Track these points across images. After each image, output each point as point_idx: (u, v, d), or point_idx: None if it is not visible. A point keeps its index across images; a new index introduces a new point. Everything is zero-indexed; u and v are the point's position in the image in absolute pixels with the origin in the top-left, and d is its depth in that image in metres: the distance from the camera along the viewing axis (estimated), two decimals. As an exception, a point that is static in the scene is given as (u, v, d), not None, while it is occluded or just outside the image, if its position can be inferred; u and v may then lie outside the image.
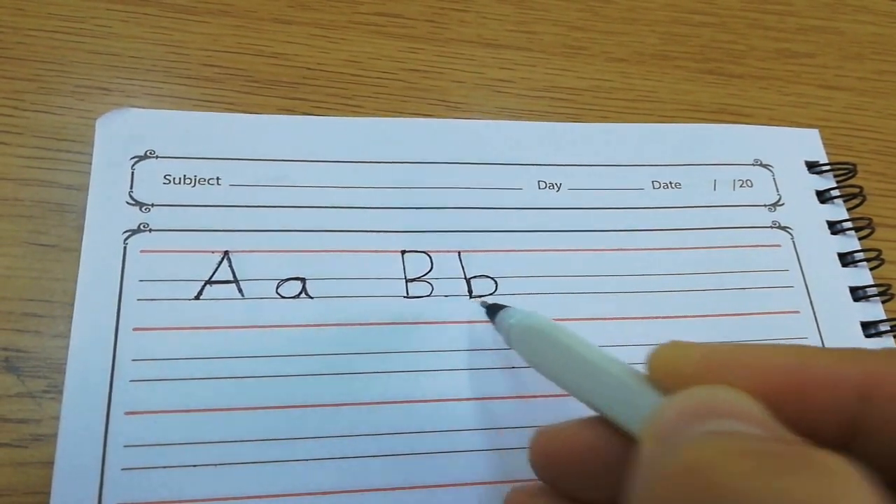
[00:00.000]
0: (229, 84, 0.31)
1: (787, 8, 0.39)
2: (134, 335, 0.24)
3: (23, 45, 0.30)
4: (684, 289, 0.28)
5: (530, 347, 0.21)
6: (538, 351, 0.21)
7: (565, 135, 0.31)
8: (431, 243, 0.27)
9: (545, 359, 0.20)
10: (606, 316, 0.27)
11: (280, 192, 0.27)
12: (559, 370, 0.20)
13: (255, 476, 0.23)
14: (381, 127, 0.30)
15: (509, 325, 0.22)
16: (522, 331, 0.22)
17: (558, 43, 0.35)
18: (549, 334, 0.20)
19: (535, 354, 0.21)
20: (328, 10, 0.34)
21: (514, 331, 0.22)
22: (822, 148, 0.33)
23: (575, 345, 0.19)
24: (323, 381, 0.24)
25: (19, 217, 0.26)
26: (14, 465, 0.23)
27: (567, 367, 0.19)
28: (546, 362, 0.20)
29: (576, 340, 0.19)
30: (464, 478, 0.24)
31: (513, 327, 0.22)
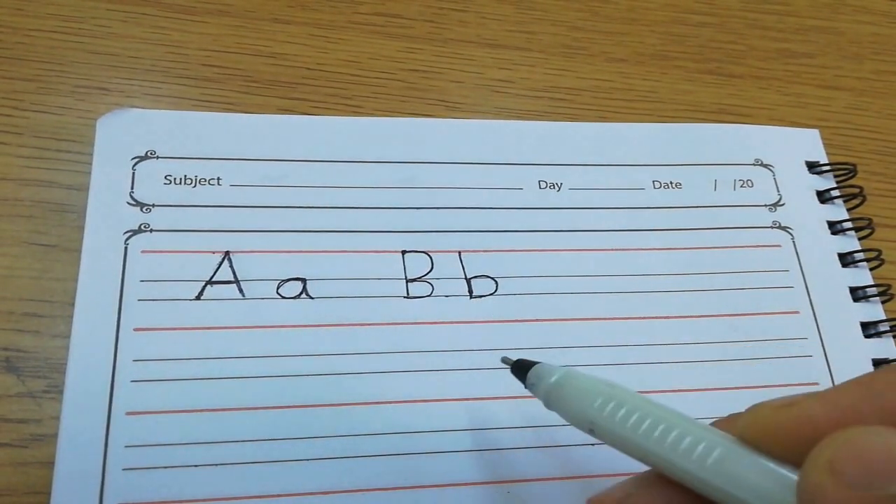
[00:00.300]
0: (229, 84, 0.31)
1: (786, 8, 0.39)
2: (135, 335, 0.24)
3: (22, 45, 0.30)
4: (684, 289, 0.28)
5: (578, 411, 0.19)
6: (588, 414, 0.18)
7: (566, 134, 0.31)
8: (432, 243, 0.27)
9: (603, 423, 0.18)
10: (606, 316, 0.27)
11: (281, 192, 0.27)
12: (620, 435, 0.17)
13: (255, 476, 0.23)
14: (381, 127, 0.30)
15: (549, 386, 0.20)
16: (566, 392, 0.19)
17: (558, 43, 0.35)
18: (600, 393, 0.18)
19: (586, 418, 0.18)
20: (327, 10, 0.34)
21: (554, 393, 0.20)
22: (823, 148, 0.33)
23: (640, 405, 0.17)
24: (323, 381, 0.24)
25: (19, 217, 0.26)
26: (14, 465, 0.23)
27: (632, 431, 0.17)
28: (603, 426, 0.18)
29: (635, 398, 0.18)
30: (464, 478, 0.24)
31: (552, 388, 0.20)
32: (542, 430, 0.25)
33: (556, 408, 0.19)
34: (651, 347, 0.27)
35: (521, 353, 0.26)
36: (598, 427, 0.18)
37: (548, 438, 0.25)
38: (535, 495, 0.24)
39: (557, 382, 0.19)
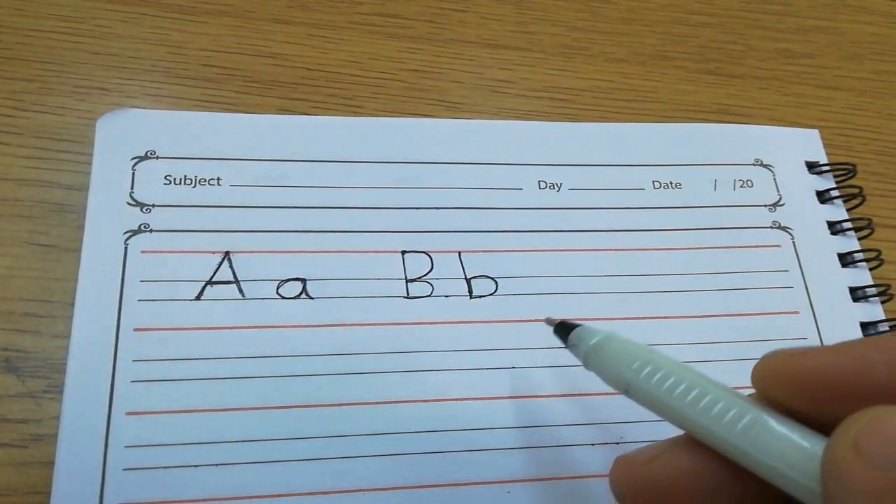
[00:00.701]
0: (228, 84, 0.31)
1: (786, 8, 0.39)
2: (135, 335, 0.24)
3: (22, 45, 0.30)
4: (684, 289, 0.28)
5: (616, 372, 0.19)
6: (625, 375, 0.19)
7: (566, 135, 0.31)
8: (432, 243, 0.27)
9: (639, 385, 0.18)
10: (606, 316, 0.27)
11: (281, 192, 0.27)
12: (654, 397, 0.18)
13: (255, 476, 0.23)
14: (381, 127, 0.30)
15: (588, 348, 0.20)
16: (605, 353, 0.20)
17: (557, 43, 0.35)
18: (638, 356, 0.19)
19: (622, 379, 0.19)
20: (327, 10, 0.34)
21: (593, 354, 0.20)
22: (822, 148, 0.33)
23: (676, 369, 0.18)
24: (323, 381, 0.24)
25: (19, 217, 0.26)
26: (14, 465, 0.23)
27: (666, 394, 0.17)
28: (638, 387, 0.18)
29: (672, 363, 0.18)
30: (464, 478, 0.24)
31: (592, 350, 0.20)
32: (543, 429, 0.25)
33: (595, 368, 0.20)
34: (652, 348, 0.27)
35: (522, 353, 0.26)
36: (633, 388, 0.18)
37: (548, 438, 0.25)
38: (535, 495, 0.24)
39: (597, 344, 0.20)
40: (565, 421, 0.25)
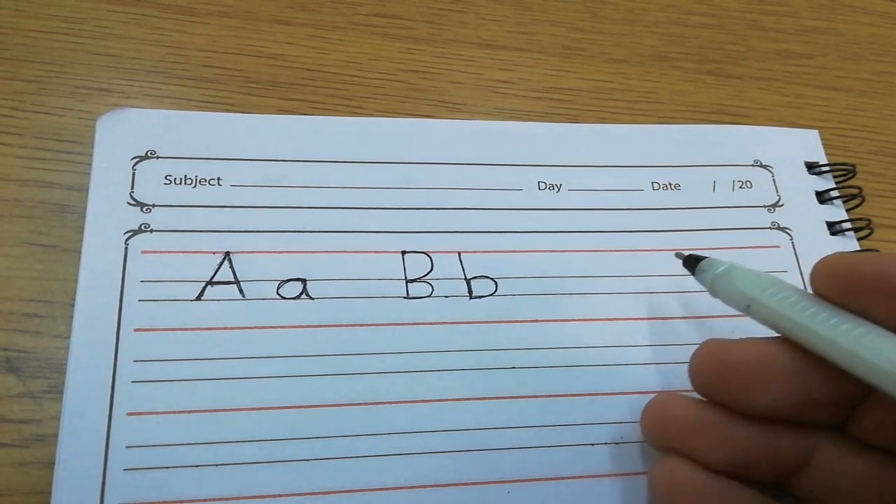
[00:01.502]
0: (228, 85, 0.31)
1: (785, 9, 0.39)
2: (135, 336, 0.24)
3: (23, 45, 0.30)
4: (684, 289, 0.28)
5: (741, 291, 0.22)
6: (749, 293, 0.22)
7: (565, 135, 0.31)
8: (431, 244, 0.27)
9: (763, 300, 0.21)
10: (606, 317, 0.27)
11: (281, 192, 0.27)
12: (775, 311, 0.21)
13: (256, 476, 0.23)
14: (381, 127, 0.30)
15: (715, 275, 0.24)
16: (731, 278, 0.23)
17: (557, 44, 0.35)
18: (759, 280, 0.22)
19: (746, 297, 0.22)
20: (327, 11, 0.34)
21: (720, 279, 0.24)
22: (822, 149, 0.33)
23: (796, 291, 0.21)
24: (324, 381, 0.24)
25: (19, 217, 0.26)
26: (15, 465, 0.23)
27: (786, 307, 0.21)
28: (763, 303, 0.21)
29: (788, 286, 0.21)
30: (464, 478, 0.24)
31: (718, 276, 0.24)
32: (542, 429, 0.25)
33: (721, 292, 0.23)
34: (651, 348, 0.27)
35: (522, 353, 0.26)
36: (756, 304, 0.22)
37: (548, 438, 0.25)
38: (535, 495, 0.24)
39: (723, 272, 0.23)
40: (565, 421, 0.25)
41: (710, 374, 0.22)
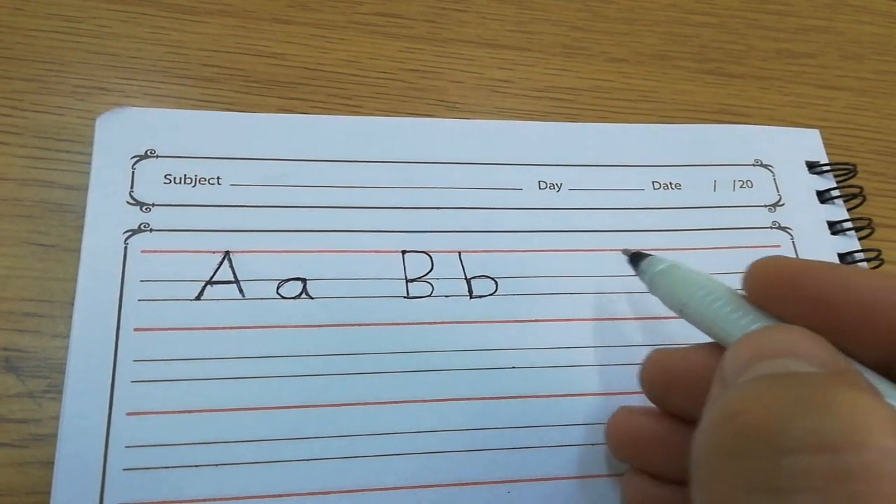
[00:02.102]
0: (228, 84, 0.31)
1: (786, 8, 0.39)
2: (135, 335, 0.24)
3: (22, 45, 0.30)
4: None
5: (669, 291, 0.23)
6: (675, 294, 0.22)
7: (566, 135, 0.31)
8: (432, 243, 0.27)
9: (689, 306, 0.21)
10: (606, 316, 0.27)
11: (281, 191, 0.27)
12: (695, 308, 0.21)
13: (255, 476, 0.23)
14: (382, 126, 0.30)
15: (653, 275, 0.23)
16: (665, 279, 0.23)
17: (558, 43, 0.35)
18: (693, 282, 0.22)
19: (678, 302, 0.22)
20: (327, 10, 0.34)
21: (657, 280, 0.23)
22: (823, 148, 0.33)
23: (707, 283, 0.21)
24: (323, 381, 0.24)
25: (19, 217, 0.26)
26: (14, 465, 0.23)
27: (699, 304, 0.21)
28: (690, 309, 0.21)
29: (708, 280, 0.21)
30: (464, 478, 0.24)
31: (656, 276, 0.23)
32: (542, 429, 0.25)
33: (657, 291, 0.23)
34: (650, 348, 0.27)
35: (522, 353, 0.26)
36: (687, 306, 0.21)
37: (548, 438, 0.25)
38: (535, 495, 0.24)
39: (662, 271, 0.23)
40: (565, 421, 0.25)
41: (655, 385, 0.22)
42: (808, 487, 0.13)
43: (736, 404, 0.15)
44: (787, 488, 0.13)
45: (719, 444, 0.15)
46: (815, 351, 0.16)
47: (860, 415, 0.13)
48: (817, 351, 0.16)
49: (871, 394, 0.14)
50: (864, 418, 0.13)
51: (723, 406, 0.15)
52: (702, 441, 0.15)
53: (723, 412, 0.15)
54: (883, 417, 0.13)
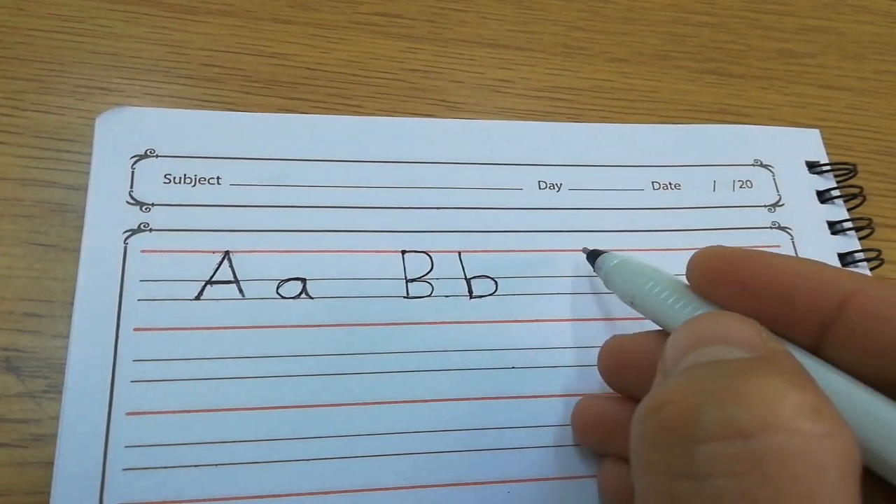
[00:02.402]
0: (229, 84, 0.31)
1: (786, 8, 0.39)
2: (135, 335, 0.24)
3: (23, 45, 0.30)
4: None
5: (620, 285, 0.24)
6: (626, 288, 0.23)
7: (565, 135, 0.31)
8: (432, 243, 0.27)
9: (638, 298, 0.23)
10: (607, 317, 0.27)
11: (281, 191, 0.27)
12: (643, 300, 0.22)
13: (255, 476, 0.23)
14: (382, 126, 0.30)
15: (607, 270, 0.25)
16: (618, 274, 0.24)
17: (558, 43, 0.35)
18: (635, 271, 0.23)
19: (628, 295, 0.23)
20: (328, 10, 0.34)
21: (610, 275, 0.24)
22: (823, 148, 0.33)
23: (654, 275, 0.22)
24: (323, 381, 0.24)
25: (19, 217, 0.26)
26: (14, 465, 0.23)
27: (647, 295, 0.22)
28: (639, 301, 0.22)
29: (656, 272, 0.22)
30: (464, 478, 0.24)
31: (609, 272, 0.24)
32: (542, 429, 0.25)
33: (612, 286, 0.24)
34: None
35: (521, 353, 0.26)
36: (637, 297, 0.22)
37: (548, 438, 0.25)
38: (535, 495, 0.24)
39: (614, 266, 0.24)
40: (565, 421, 0.25)
41: (610, 369, 0.23)
42: (723, 472, 0.13)
43: (661, 397, 0.16)
44: (705, 475, 0.14)
45: (645, 436, 0.15)
46: (745, 336, 0.17)
47: (769, 401, 0.14)
48: (748, 335, 0.17)
49: (784, 379, 0.14)
50: (773, 404, 0.14)
51: (650, 399, 0.16)
52: (634, 432, 0.16)
53: (649, 405, 0.16)
54: (791, 402, 0.14)
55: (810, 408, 0.14)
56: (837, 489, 0.13)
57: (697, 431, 0.14)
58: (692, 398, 0.15)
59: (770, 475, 0.13)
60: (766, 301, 0.19)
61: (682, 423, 0.15)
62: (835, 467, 0.13)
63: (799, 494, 0.13)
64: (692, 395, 0.15)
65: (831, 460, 0.13)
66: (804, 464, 0.13)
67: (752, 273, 0.19)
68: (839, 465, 0.13)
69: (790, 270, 0.19)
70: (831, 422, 0.14)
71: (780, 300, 0.19)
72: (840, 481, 0.13)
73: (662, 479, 0.15)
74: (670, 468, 0.14)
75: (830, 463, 0.13)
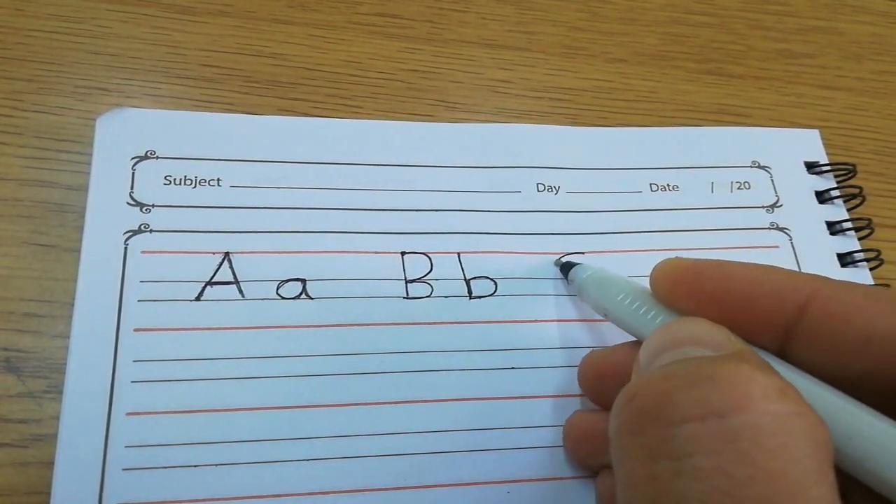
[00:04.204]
0: (228, 84, 0.31)
1: (786, 8, 0.39)
2: (135, 336, 0.24)
3: (22, 45, 0.30)
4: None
5: (593, 298, 0.24)
6: (598, 300, 0.24)
7: (564, 137, 0.31)
8: (431, 245, 0.27)
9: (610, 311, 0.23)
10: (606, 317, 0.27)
11: (281, 193, 0.27)
12: (615, 311, 0.23)
13: (255, 476, 0.23)
14: (381, 129, 0.30)
15: (580, 282, 0.25)
16: (588, 284, 0.25)
17: (557, 43, 0.35)
18: (606, 282, 0.24)
19: (601, 307, 0.24)
20: (327, 10, 0.34)
21: (583, 287, 0.25)
22: (823, 148, 0.33)
23: (625, 286, 0.23)
24: (323, 381, 0.24)
25: (19, 217, 0.26)
26: (14, 465, 0.23)
27: (618, 307, 0.23)
28: (612, 314, 0.23)
29: (626, 283, 0.23)
30: (464, 478, 0.24)
31: (582, 284, 0.25)
32: (542, 429, 0.25)
33: (585, 298, 0.25)
34: None
35: (521, 353, 0.26)
36: (609, 311, 0.23)
37: (548, 438, 0.25)
38: (535, 495, 0.24)
39: (587, 279, 0.25)
40: (564, 421, 0.25)
41: (590, 382, 0.24)
42: (701, 451, 0.14)
43: (635, 387, 0.16)
44: (684, 454, 0.14)
45: (622, 425, 0.16)
46: (714, 337, 0.17)
47: (739, 383, 0.15)
48: (716, 337, 0.17)
49: (753, 365, 0.15)
50: (743, 385, 0.14)
51: (624, 392, 0.16)
52: (612, 425, 0.17)
53: (624, 397, 0.16)
54: (760, 384, 0.14)
55: (777, 390, 0.14)
56: (812, 466, 0.14)
57: (673, 413, 0.15)
58: (665, 384, 0.15)
59: (746, 452, 0.14)
60: (729, 308, 0.19)
61: (656, 407, 0.15)
62: (807, 445, 0.14)
63: (774, 470, 0.13)
64: (664, 382, 0.16)
65: (803, 438, 0.14)
66: (777, 441, 0.14)
67: (712, 282, 0.20)
68: (811, 443, 0.14)
69: (749, 278, 0.19)
70: (798, 403, 0.14)
71: (743, 307, 0.19)
72: (813, 459, 0.14)
73: (641, 464, 0.15)
74: (648, 451, 0.15)
75: (803, 440, 0.14)
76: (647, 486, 0.15)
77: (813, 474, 0.14)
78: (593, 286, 0.24)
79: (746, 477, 0.13)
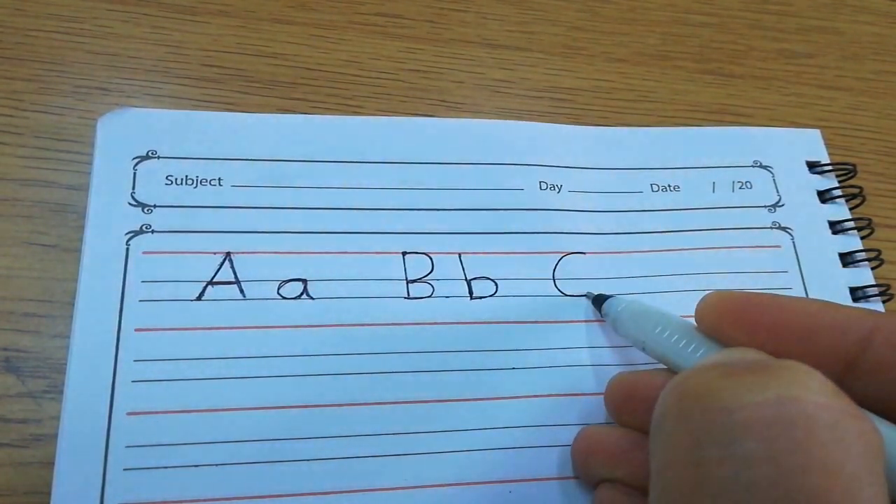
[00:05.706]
0: (229, 84, 0.31)
1: (786, 8, 0.39)
2: (136, 336, 0.24)
3: (22, 45, 0.30)
4: (683, 290, 0.28)
5: (630, 332, 0.24)
6: (635, 334, 0.24)
7: (566, 136, 0.31)
8: (432, 245, 0.27)
9: (647, 344, 0.23)
10: (607, 316, 0.27)
11: (282, 192, 0.27)
12: (653, 345, 0.23)
13: (256, 476, 0.23)
14: (382, 127, 0.30)
15: (615, 315, 0.25)
16: (623, 317, 0.24)
17: (558, 43, 0.35)
18: (643, 315, 0.24)
19: (639, 340, 0.23)
20: (328, 10, 0.34)
21: (618, 320, 0.25)
22: (824, 148, 0.33)
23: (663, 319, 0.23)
24: (324, 381, 0.24)
25: (19, 217, 0.26)
26: (14, 465, 0.23)
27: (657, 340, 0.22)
28: (649, 346, 0.23)
29: (664, 316, 0.23)
30: (464, 478, 0.24)
31: (617, 316, 0.25)
32: (543, 429, 0.25)
33: (621, 331, 0.25)
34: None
35: (521, 354, 0.26)
36: (646, 344, 0.23)
37: (549, 438, 0.25)
38: (536, 495, 0.24)
39: (621, 312, 0.25)
40: (566, 421, 0.25)
41: (618, 402, 0.24)
42: (754, 437, 0.14)
43: (686, 374, 0.16)
44: (735, 439, 0.14)
45: (668, 409, 0.16)
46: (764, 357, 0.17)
47: (800, 375, 0.15)
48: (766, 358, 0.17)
49: (810, 368, 0.15)
50: (804, 378, 0.15)
51: (674, 380, 0.16)
52: (657, 411, 0.16)
53: (674, 383, 0.16)
54: (820, 381, 0.15)
55: (834, 389, 0.14)
56: (865, 466, 0.13)
57: (727, 398, 0.14)
58: (718, 370, 0.15)
59: (800, 441, 0.13)
60: (785, 341, 0.19)
61: (707, 392, 0.15)
62: (860, 444, 0.14)
63: (829, 462, 0.13)
64: (717, 369, 0.15)
65: (858, 438, 0.14)
66: (833, 435, 0.13)
67: (768, 314, 0.19)
68: (864, 444, 0.14)
69: (809, 310, 0.19)
70: (854, 405, 0.14)
71: (801, 339, 0.19)
72: (867, 460, 0.13)
73: (685, 449, 0.15)
74: (695, 436, 0.15)
75: (857, 440, 0.14)
76: (690, 472, 0.14)
77: (867, 474, 0.13)
78: (629, 319, 0.24)
79: (798, 467, 0.13)
